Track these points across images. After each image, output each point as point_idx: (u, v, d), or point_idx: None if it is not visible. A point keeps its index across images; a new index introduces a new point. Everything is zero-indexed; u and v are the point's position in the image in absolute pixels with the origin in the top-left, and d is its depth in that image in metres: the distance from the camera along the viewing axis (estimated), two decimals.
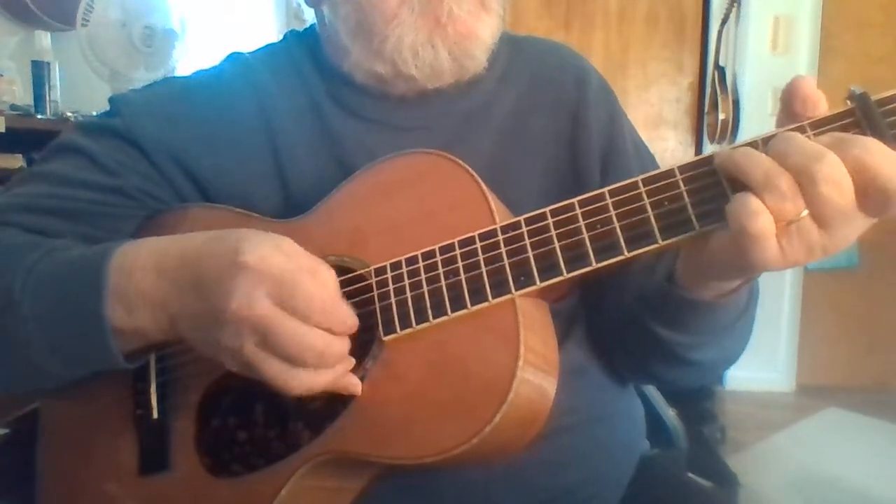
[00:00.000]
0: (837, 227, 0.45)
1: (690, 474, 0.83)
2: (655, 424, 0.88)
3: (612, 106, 0.78)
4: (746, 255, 0.46)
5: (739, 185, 0.47)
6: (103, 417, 0.66)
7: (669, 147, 3.11)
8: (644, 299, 0.62)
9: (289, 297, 0.51)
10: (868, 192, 0.44)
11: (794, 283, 2.93)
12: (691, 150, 3.11)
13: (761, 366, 2.85)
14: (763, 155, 0.45)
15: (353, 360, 0.56)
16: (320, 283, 0.52)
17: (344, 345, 0.54)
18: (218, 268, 0.52)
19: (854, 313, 2.93)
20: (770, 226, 0.45)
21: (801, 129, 0.47)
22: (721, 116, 2.88)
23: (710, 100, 2.94)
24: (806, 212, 0.44)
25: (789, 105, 0.48)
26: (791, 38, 2.83)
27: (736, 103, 2.89)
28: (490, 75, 0.75)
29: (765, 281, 0.57)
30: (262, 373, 0.52)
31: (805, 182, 0.44)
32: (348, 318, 0.54)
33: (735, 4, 2.85)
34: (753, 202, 0.45)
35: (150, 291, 0.56)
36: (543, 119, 0.75)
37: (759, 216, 0.44)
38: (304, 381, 0.52)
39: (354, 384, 0.56)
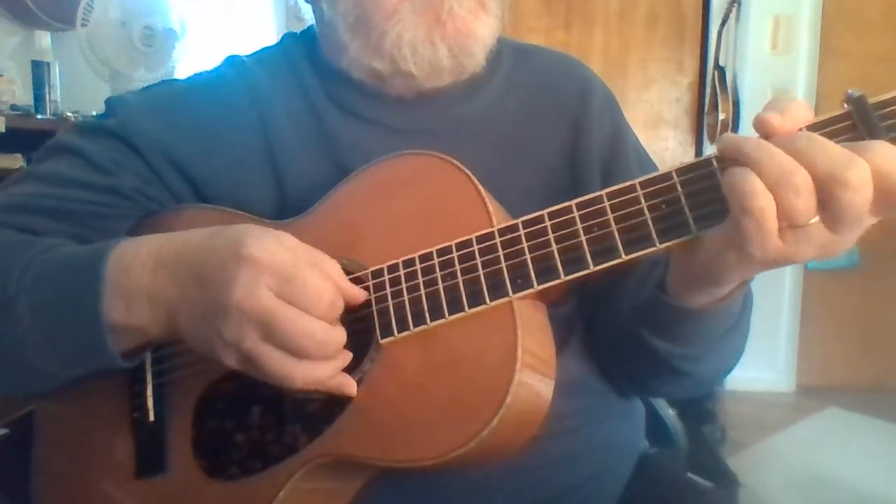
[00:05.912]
0: (848, 230, 0.44)
1: (690, 474, 0.83)
2: (655, 424, 0.88)
3: (616, 118, 0.78)
4: (745, 246, 0.45)
5: None
6: (99, 419, 0.66)
7: (669, 147, 3.11)
8: (638, 310, 0.62)
9: (291, 290, 0.51)
10: (883, 197, 0.43)
11: (794, 283, 2.93)
12: (691, 151, 3.10)
13: (761, 366, 2.85)
14: (776, 148, 0.44)
15: (350, 355, 0.56)
16: (323, 276, 0.53)
17: (343, 335, 0.54)
18: (220, 261, 0.52)
19: (854, 313, 2.92)
20: (771, 207, 0.43)
21: None
22: (721, 116, 2.87)
23: (710, 100, 2.93)
24: (816, 219, 0.43)
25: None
26: (791, 38, 2.82)
27: (736, 103, 2.89)
28: (493, 82, 0.75)
29: (764, 281, 0.57)
30: (263, 365, 0.52)
31: (833, 186, 0.42)
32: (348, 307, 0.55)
33: (735, 4, 2.84)
34: (754, 181, 0.43)
35: (148, 287, 0.56)
36: (544, 127, 0.75)
37: (758, 196, 0.43)
38: (304, 372, 0.52)
39: (349, 385, 0.56)
